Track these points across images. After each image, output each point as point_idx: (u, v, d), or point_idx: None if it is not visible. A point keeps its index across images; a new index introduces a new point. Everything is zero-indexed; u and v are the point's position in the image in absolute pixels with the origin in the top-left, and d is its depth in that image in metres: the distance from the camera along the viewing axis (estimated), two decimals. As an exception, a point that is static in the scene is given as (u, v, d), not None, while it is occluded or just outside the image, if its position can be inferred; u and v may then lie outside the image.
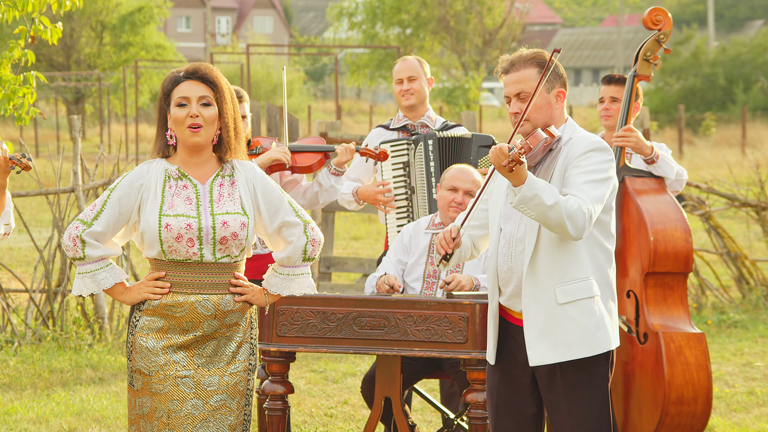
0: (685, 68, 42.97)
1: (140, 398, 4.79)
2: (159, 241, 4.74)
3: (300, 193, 7.06)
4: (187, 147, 4.81)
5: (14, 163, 4.92)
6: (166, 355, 4.76)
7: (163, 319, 4.78)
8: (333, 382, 9.40)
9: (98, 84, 34.71)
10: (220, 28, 76.68)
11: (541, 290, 4.88)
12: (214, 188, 4.83)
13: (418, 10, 43.95)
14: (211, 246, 4.76)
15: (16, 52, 7.55)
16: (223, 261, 4.80)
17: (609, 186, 4.88)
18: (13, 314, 10.51)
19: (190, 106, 4.78)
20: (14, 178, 21.51)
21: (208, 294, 4.79)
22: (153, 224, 4.74)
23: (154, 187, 4.80)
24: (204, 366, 4.80)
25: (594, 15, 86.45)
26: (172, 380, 4.75)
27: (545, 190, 4.70)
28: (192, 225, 4.74)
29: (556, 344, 4.87)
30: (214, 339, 4.82)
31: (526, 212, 4.72)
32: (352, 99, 58.91)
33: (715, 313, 12.06)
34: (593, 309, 4.87)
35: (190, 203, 4.78)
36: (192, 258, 4.76)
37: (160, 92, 4.87)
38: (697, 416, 6.57)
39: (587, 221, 4.75)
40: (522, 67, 4.99)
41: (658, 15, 6.75)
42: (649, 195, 6.73)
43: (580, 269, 4.88)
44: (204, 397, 4.78)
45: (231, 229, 4.77)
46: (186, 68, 4.85)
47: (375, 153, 6.97)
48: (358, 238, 18.16)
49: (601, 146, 4.90)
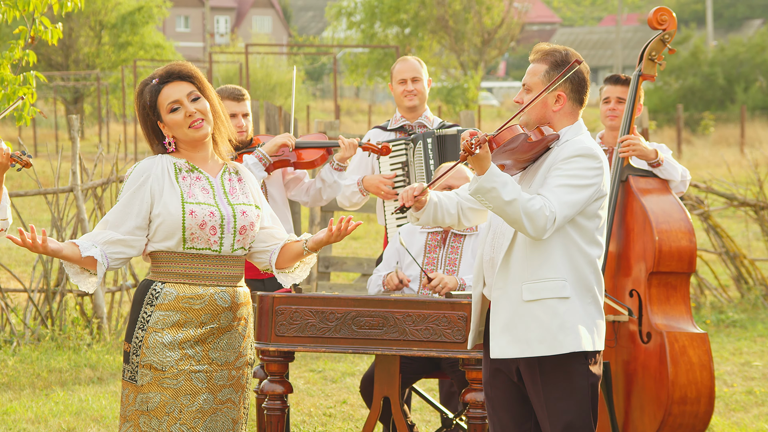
0: (684, 68, 42.98)
1: (145, 394, 4.79)
2: (182, 228, 4.77)
3: (303, 191, 7.06)
4: (193, 143, 4.85)
5: (15, 161, 4.93)
6: (182, 350, 4.79)
7: (180, 312, 4.80)
8: (332, 381, 9.40)
9: (97, 83, 34.69)
10: (218, 27, 76.66)
11: (511, 285, 4.90)
12: (225, 182, 4.90)
13: (417, 9, 43.91)
14: (231, 236, 4.83)
15: (16, 53, 7.55)
16: (237, 253, 4.87)
17: (587, 193, 4.84)
18: (12, 314, 10.50)
19: (183, 107, 4.81)
20: (13, 178, 21.50)
21: (225, 286, 4.85)
22: (175, 212, 4.77)
23: (168, 178, 4.82)
24: (218, 360, 4.85)
25: (593, 14, 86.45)
26: (186, 375, 4.79)
27: (506, 185, 4.71)
28: (215, 213, 4.80)
29: (516, 340, 4.88)
30: (228, 332, 4.87)
31: (484, 203, 4.75)
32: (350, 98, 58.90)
33: (714, 312, 12.06)
34: (558, 310, 4.86)
35: (207, 193, 4.84)
36: (212, 247, 4.80)
37: (139, 106, 4.86)
38: (700, 416, 6.57)
39: (549, 223, 4.75)
40: (536, 61, 4.99)
41: (663, 15, 6.76)
42: (653, 194, 6.73)
43: (551, 269, 4.87)
44: (214, 391, 4.84)
45: (249, 219, 4.86)
46: (158, 74, 4.84)
47: (377, 148, 6.99)
48: (356, 238, 18.16)
49: (590, 153, 4.87)
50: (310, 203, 7.09)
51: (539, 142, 4.87)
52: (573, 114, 4.99)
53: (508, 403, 5.06)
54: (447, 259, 6.54)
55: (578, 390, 4.91)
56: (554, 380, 4.90)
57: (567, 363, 4.89)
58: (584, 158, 4.86)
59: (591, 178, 4.85)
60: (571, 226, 4.88)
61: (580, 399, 4.91)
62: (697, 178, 16.07)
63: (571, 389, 4.91)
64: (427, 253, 6.58)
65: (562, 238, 4.87)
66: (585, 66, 4.99)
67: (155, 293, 4.82)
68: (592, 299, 4.94)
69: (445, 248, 6.56)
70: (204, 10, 70.04)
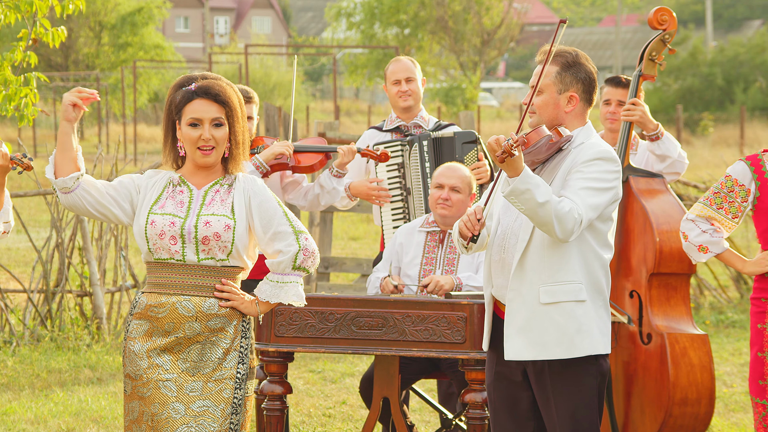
0: (683, 68, 42.97)
1: (130, 403, 4.81)
2: (145, 237, 4.78)
3: (301, 195, 7.05)
4: (193, 161, 4.85)
5: (15, 163, 4.95)
6: (150, 358, 4.76)
7: (148, 321, 4.79)
8: (331, 382, 9.40)
9: (96, 84, 34.67)
10: (218, 28, 76.64)
11: (527, 287, 4.89)
12: (209, 193, 4.85)
13: (417, 10, 43.92)
14: (193, 245, 4.76)
15: (17, 54, 7.55)
16: (207, 263, 4.79)
17: (608, 196, 4.88)
18: (11, 314, 10.50)
19: (202, 128, 4.78)
20: (13, 179, 21.50)
21: (189, 295, 4.78)
22: (141, 221, 4.79)
23: (155, 190, 4.84)
24: (188, 371, 4.78)
25: (592, 15, 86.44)
26: (155, 383, 4.75)
27: (539, 186, 4.71)
28: (176, 223, 4.76)
29: (532, 342, 4.89)
30: (198, 343, 4.79)
31: (517, 205, 4.74)
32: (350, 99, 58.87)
33: (714, 313, 12.07)
34: (576, 313, 4.87)
35: (181, 206, 4.81)
36: (175, 257, 4.77)
37: (168, 102, 4.84)
38: (700, 418, 6.57)
39: (577, 225, 4.76)
40: (544, 61, 5.00)
41: (664, 15, 6.76)
42: (653, 195, 6.72)
43: (569, 272, 4.88)
44: (186, 401, 4.75)
45: (213, 229, 4.76)
46: (199, 85, 4.80)
47: (376, 154, 6.98)
48: (356, 239, 18.16)
49: (609, 156, 4.90)
50: (307, 207, 7.07)
51: (555, 144, 4.89)
52: (583, 115, 5.03)
53: (510, 406, 5.06)
54: (445, 259, 6.54)
55: (587, 389, 4.93)
56: (564, 381, 4.92)
57: (578, 364, 4.91)
58: (604, 161, 4.88)
59: (611, 181, 4.88)
60: (587, 230, 4.89)
61: (587, 396, 4.94)
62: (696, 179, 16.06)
63: (579, 388, 4.92)
64: (426, 252, 6.58)
65: (578, 241, 4.88)
66: (593, 66, 5.02)
67: (135, 302, 4.85)
68: (603, 302, 4.96)
69: (444, 248, 6.56)
70: (204, 10, 70.04)
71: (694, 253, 5.50)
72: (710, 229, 5.46)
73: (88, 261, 10.63)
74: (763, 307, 5.38)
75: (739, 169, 5.41)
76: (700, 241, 5.47)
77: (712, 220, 5.48)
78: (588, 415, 4.94)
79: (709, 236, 5.46)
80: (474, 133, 7.16)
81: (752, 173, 5.36)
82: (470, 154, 7.08)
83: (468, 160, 7.05)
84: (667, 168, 6.86)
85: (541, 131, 4.86)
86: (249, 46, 35.46)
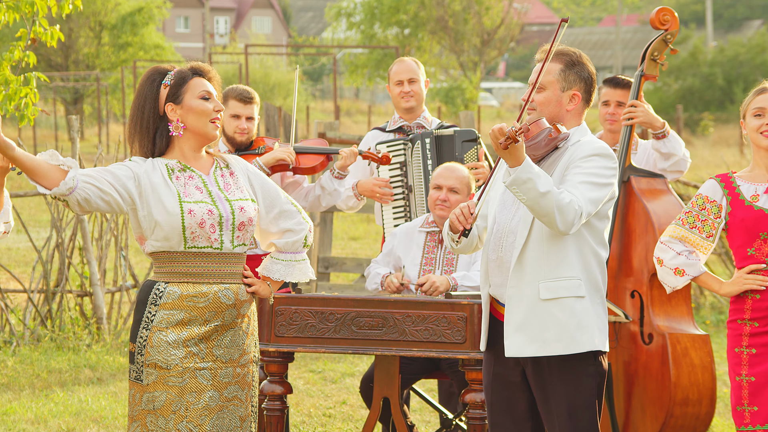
0: (684, 68, 42.99)
1: (151, 393, 4.81)
2: (182, 228, 4.79)
3: (302, 195, 7.05)
4: (198, 140, 4.89)
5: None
6: (186, 348, 4.81)
7: (184, 311, 4.82)
8: (331, 382, 9.40)
9: (96, 84, 34.67)
10: (218, 28, 76.67)
11: (526, 284, 4.90)
12: (218, 178, 4.92)
13: (417, 10, 43.92)
14: (230, 233, 4.84)
15: (16, 54, 7.55)
16: (238, 250, 4.89)
17: (606, 192, 4.89)
18: (12, 314, 10.50)
19: (214, 100, 4.89)
20: (12, 179, 21.49)
21: (228, 283, 4.88)
22: (174, 212, 4.78)
23: (162, 178, 4.83)
24: (221, 357, 4.87)
25: (592, 15, 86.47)
26: (191, 372, 4.81)
27: (540, 177, 4.72)
28: (213, 211, 4.82)
29: (532, 339, 4.90)
30: (232, 329, 4.89)
31: (518, 195, 4.74)
32: (350, 99, 58.87)
33: (714, 313, 12.07)
34: (575, 309, 4.88)
35: (201, 192, 4.86)
36: (213, 245, 4.82)
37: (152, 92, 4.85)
38: (701, 418, 6.57)
39: (577, 217, 4.77)
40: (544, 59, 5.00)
41: (666, 15, 6.76)
42: (655, 195, 6.72)
43: (568, 268, 4.88)
44: (220, 388, 4.86)
45: (248, 215, 4.87)
46: (192, 66, 4.94)
47: (377, 157, 6.99)
48: (356, 239, 18.16)
49: (606, 153, 4.92)
50: (308, 208, 7.07)
51: (553, 139, 4.90)
52: (581, 114, 5.06)
53: (509, 407, 5.06)
54: (444, 259, 6.54)
55: (586, 388, 4.94)
56: (563, 380, 4.92)
57: (577, 361, 4.91)
58: (602, 158, 4.90)
59: (608, 177, 4.90)
60: (584, 227, 4.91)
61: (586, 395, 4.94)
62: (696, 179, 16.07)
63: (578, 388, 4.92)
64: (425, 253, 6.58)
65: (576, 238, 4.89)
66: (593, 68, 5.03)
67: (159, 293, 4.84)
68: (600, 299, 4.97)
69: (443, 248, 6.56)
70: (204, 10, 70.03)
71: (670, 278, 5.32)
72: (685, 251, 5.28)
73: (88, 261, 10.63)
74: (739, 330, 5.21)
75: (709, 186, 5.31)
76: (675, 264, 5.29)
77: (686, 242, 5.31)
78: (587, 414, 4.94)
79: (685, 258, 5.28)
80: (474, 132, 7.17)
81: (722, 189, 5.27)
82: (470, 152, 7.08)
83: (468, 158, 7.06)
84: (671, 166, 6.85)
85: (541, 123, 4.89)
86: (249, 46, 35.47)
